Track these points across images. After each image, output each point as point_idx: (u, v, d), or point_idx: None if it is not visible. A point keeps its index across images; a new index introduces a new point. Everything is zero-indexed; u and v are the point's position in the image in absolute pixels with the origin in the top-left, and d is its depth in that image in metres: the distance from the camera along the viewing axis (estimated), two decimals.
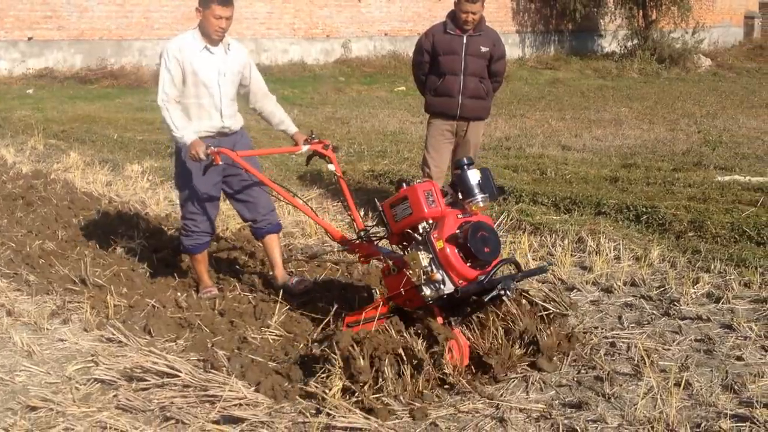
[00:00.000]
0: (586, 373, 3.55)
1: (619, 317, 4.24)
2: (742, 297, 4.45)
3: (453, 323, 3.53)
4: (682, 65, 21.82)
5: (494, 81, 5.81)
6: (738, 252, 5.18)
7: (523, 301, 3.70)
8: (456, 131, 5.74)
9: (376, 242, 3.96)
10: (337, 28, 20.54)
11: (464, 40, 5.54)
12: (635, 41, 22.91)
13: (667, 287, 4.63)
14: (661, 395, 3.24)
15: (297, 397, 3.30)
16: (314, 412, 3.19)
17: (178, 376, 3.44)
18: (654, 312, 4.32)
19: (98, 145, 9.80)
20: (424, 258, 3.38)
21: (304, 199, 6.03)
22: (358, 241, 4.00)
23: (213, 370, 3.53)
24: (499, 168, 8.16)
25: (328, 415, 3.12)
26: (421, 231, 3.51)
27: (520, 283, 3.77)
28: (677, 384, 3.30)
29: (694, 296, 4.47)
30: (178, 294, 4.62)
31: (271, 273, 4.81)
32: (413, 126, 11.49)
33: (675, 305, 4.36)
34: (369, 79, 18.54)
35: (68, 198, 6.83)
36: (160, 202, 6.81)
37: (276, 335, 4.02)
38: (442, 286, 3.36)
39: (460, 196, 3.55)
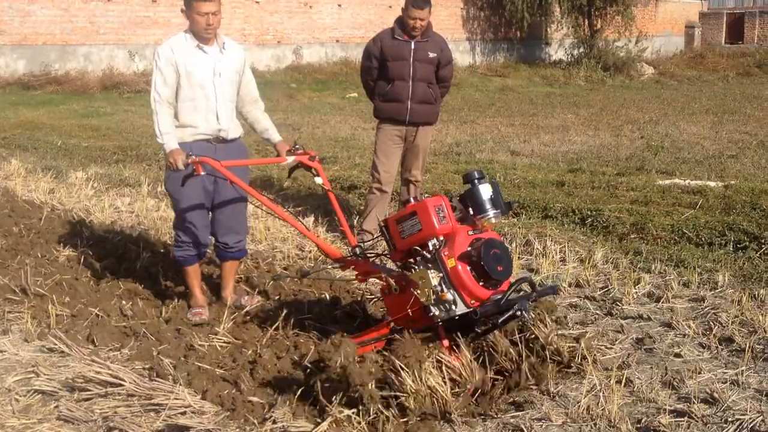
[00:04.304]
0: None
1: (564, 317, 4.32)
2: (681, 296, 4.58)
3: (460, 346, 3.33)
4: (626, 73, 22.46)
5: (442, 86, 5.87)
6: (677, 253, 5.34)
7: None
8: (405, 136, 5.78)
9: (371, 259, 3.78)
10: (288, 35, 20.50)
11: (412, 46, 5.59)
12: (581, 50, 23.50)
13: (610, 288, 4.74)
14: (603, 392, 3.31)
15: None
16: (261, 419, 3.17)
17: (122, 386, 3.37)
18: (597, 312, 4.42)
19: (41, 152, 9.58)
20: (434, 277, 3.20)
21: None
22: (353, 258, 3.77)
23: (158, 379, 3.47)
24: (449, 173, 8.25)
25: (275, 422, 3.10)
26: (430, 248, 3.30)
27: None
28: (619, 381, 3.38)
29: (635, 296, 4.59)
30: (123, 302, 4.53)
31: (221, 291, 4.59)
32: (365, 132, 11.54)
33: (617, 305, 4.47)
34: (321, 86, 18.55)
35: (9, 206, 6.65)
36: (105, 209, 6.68)
37: (224, 342, 3.98)
38: (453, 307, 3.18)
39: (471, 212, 3.37)
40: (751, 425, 3.07)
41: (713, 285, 4.70)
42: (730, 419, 3.13)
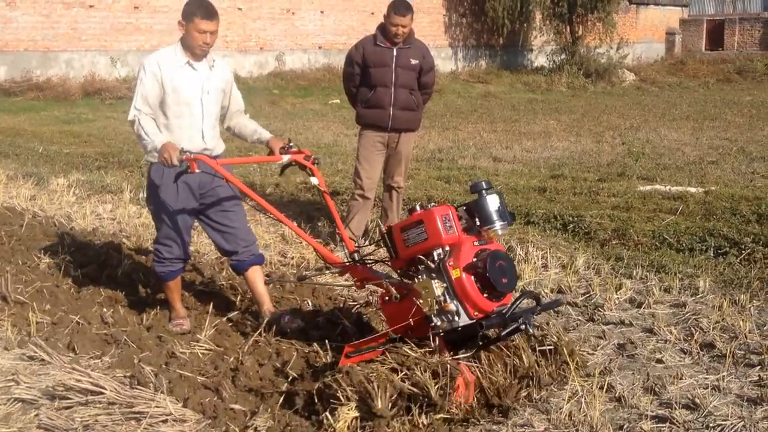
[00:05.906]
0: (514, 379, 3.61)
1: (547, 323, 4.32)
2: (663, 302, 4.61)
3: (460, 357, 3.30)
4: (607, 79, 22.64)
5: (424, 93, 5.89)
6: (659, 258, 5.38)
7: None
8: (387, 143, 5.79)
9: (370, 265, 3.74)
10: (270, 41, 20.47)
11: (394, 53, 5.61)
12: (563, 56, 23.66)
13: (591, 293, 4.77)
14: (585, 399, 3.32)
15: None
16: (243, 427, 3.15)
17: (103, 394, 3.34)
18: (579, 318, 4.44)
19: (22, 159, 9.51)
20: (437, 287, 3.18)
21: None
22: (352, 264, 3.73)
23: (139, 386, 3.44)
24: (431, 179, 8.27)
25: (256, 430, 3.09)
26: (435, 258, 3.28)
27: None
28: (601, 387, 3.39)
29: (617, 302, 4.61)
30: (104, 309, 4.49)
31: (257, 309, 4.38)
32: (347, 138, 11.54)
33: (599, 311, 4.49)
34: (303, 92, 18.54)
35: None
36: (87, 216, 6.62)
37: (205, 349, 3.95)
38: (455, 318, 3.17)
39: (478, 223, 3.34)
40: (732, 431, 3.09)
41: (694, 290, 4.74)
42: (711, 425, 3.15)
